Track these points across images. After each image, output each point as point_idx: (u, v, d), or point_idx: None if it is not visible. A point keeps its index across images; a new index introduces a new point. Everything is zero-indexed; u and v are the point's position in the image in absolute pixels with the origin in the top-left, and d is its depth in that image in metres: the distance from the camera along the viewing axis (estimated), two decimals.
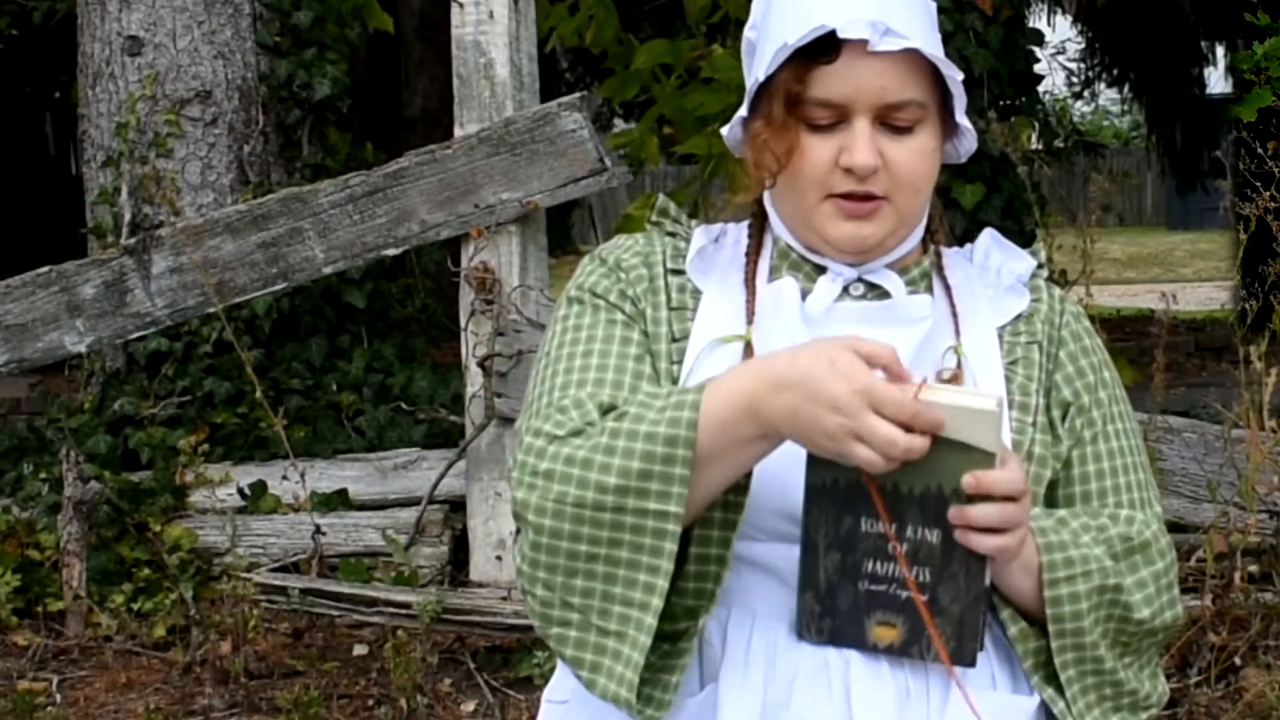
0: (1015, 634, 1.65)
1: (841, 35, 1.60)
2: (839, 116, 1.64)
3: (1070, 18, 12.47)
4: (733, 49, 6.79)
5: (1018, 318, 1.75)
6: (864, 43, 1.61)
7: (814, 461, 1.54)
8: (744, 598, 1.64)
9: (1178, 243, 24.38)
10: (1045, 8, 12.64)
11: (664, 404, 1.54)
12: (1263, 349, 4.40)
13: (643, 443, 1.53)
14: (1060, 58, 14.92)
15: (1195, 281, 16.25)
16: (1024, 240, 6.25)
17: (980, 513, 1.50)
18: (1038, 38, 6.79)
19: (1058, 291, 1.80)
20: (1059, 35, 13.66)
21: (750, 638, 1.63)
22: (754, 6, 1.74)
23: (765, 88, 1.67)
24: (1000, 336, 1.73)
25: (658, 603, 1.54)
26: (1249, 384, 4.46)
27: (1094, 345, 1.78)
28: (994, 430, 1.48)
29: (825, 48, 1.62)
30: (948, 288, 1.75)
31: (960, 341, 1.70)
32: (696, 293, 1.72)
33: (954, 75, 1.66)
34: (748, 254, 1.74)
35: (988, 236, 1.82)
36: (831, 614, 1.55)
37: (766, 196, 1.76)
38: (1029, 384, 1.71)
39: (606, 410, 1.60)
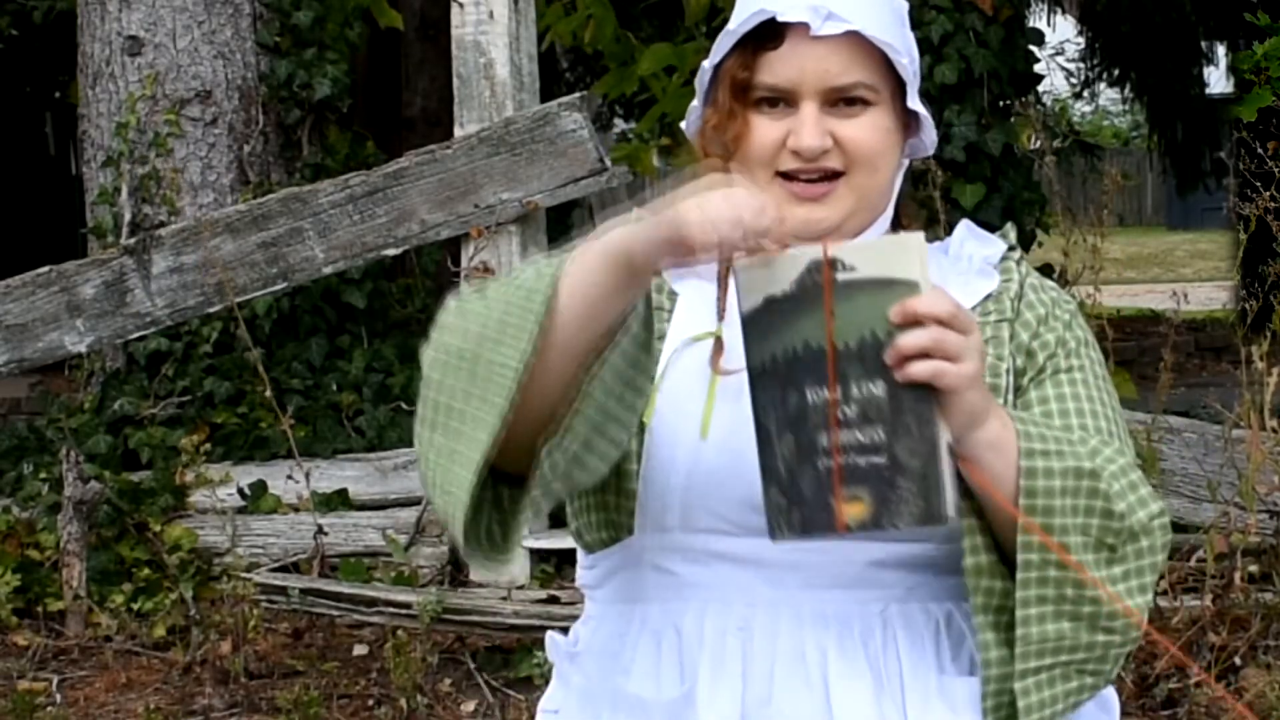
0: (970, 566, 1.56)
1: (782, 19, 1.62)
2: (787, 101, 1.65)
3: (1071, 18, 12.47)
4: None
5: (987, 298, 1.72)
6: (808, 28, 1.62)
7: (750, 340, 1.48)
8: (720, 592, 1.64)
9: (1178, 243, 24.38)
10: (1045, 8, 12.64)
11: (544, 262, 1.54)
12: (1264, 349, 4.40)
13: (511, 293, 1.52)
14: (1060, 58, 14.91)
15: (1195, 281, 16.26)
16: (1025, 240, 6.26)
17: (910, 339, 1.43)
18: (1038, 38, 6.79)
19: (1027, 267, 1.77)
20: (1059, 35, 13.65)
21: (726, 632, 1.63)
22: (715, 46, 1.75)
23: (715, 77, 1.69)
24: None
25: (485, 437, 1.51)
26: (1249, 384, 4.46)
27: (1060, 298, 1.75)
28: (917, 259, 1.44)
29: (770, 34, 1.63)
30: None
31: None
32: (673, 294, 1.73)
33: (900, 59, 1.66)
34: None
35: (963, 228, 1.80)
36: (798, 503, 1.47)
37: None
38: (999, 364, 1.68)
39: None
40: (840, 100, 1.64)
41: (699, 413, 1.63)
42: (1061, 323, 1.72)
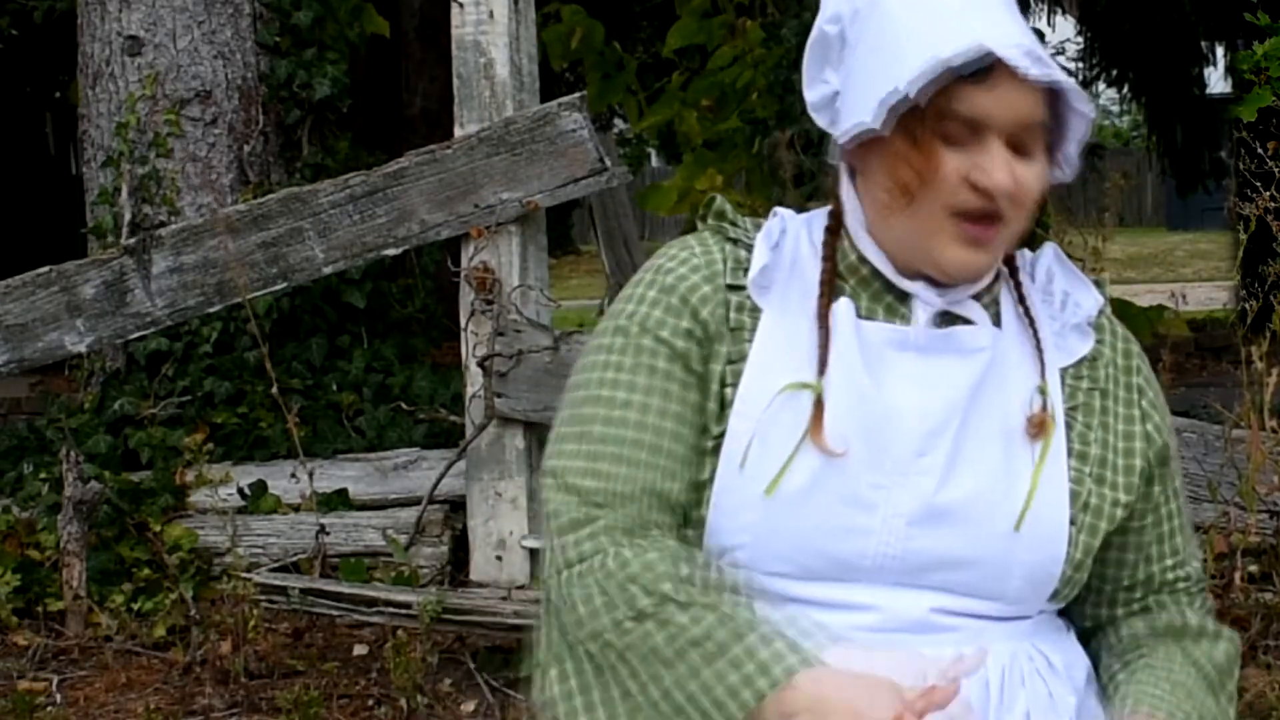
0: None
1: (999, 55, 1.55)
2: (974, 132, 1.58)
3: (1071, 18, 12.47)
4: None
5: (1080, 361, 1.70)
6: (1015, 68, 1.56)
7: None
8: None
9: (1178, 243, 24.39)
10: (1045, 8, 12.64)
11: (721, 683, 1.52)
12: (1264, 349, 4.40)
13: (688, 691, 1.54)
14: (1060, 58, 14.90)
15: (1195, 281, 16.26)
16: (1029, 240, 6.24)
17: None
18: (1038, 38, 6.79)
19: (1120, 330, 1.74)
20: (1059, 35, 13.66)
21: None
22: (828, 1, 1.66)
23: (904, 99, 1.58)
24: (1062, 378, 1.68)
25: None
26: (1250, 384, 4.46)
27: (1159, 389, 1.76)
28: None
29: (977, 68, 1.56)
30: (1032, 320, 1.69)
31: (1045, 380, 1.65)
32: (755, 310, 1.65)
33: (1088, 111, 1.61)
34: (822, 282, 1.65)
35: (1050, 254, 1.76)
36: None
37: (850, 208, 1.68)
38: (1087, 432, 1.66)
39: (633, 527, 1.59)
40: (1018, 142, 1.59)
41: (778, 464, 1.58)
42: (1162, 401, 1.74)
